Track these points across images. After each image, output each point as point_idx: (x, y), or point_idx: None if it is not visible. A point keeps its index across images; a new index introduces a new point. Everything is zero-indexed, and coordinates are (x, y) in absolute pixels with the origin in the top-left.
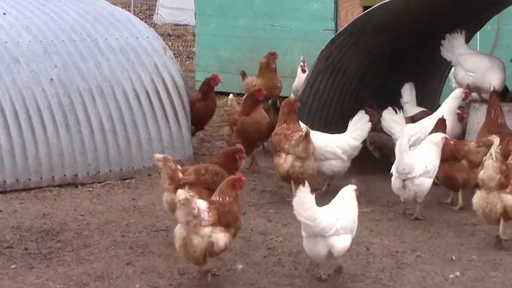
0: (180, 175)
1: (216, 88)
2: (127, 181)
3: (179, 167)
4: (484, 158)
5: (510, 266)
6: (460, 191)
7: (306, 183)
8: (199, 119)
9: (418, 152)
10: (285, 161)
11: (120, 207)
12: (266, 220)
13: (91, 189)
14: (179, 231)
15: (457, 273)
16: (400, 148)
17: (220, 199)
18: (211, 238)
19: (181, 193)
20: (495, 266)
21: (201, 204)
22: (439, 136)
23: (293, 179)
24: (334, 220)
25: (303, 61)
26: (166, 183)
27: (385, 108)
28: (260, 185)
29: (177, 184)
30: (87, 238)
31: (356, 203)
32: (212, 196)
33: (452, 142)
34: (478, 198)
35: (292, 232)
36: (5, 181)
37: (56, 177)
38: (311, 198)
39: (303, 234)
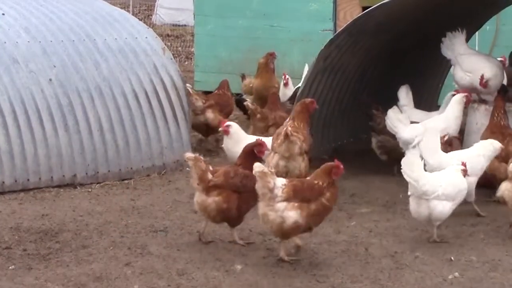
0: (210, 176)
1: (214, 88)
2: (126, 181)
3: (210, 167)
4: None
5: (509, 266)
6: None
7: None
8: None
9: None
10: (272, 160)
11: (118, 207)
12: None
13: (89, 190)
14: (260, 207)
15: (456, 274)
16: (427, 145)
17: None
18: (282, 214)
19: (258, 166)
20: (494, 267)
21: (279, 181)
22: (498, 146)
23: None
24: (438, 185)
25: (284, 75)
26: (195, 183)
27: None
28: None
29: (206, 185)
30: (86, 238)
31: (464, 180)
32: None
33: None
34: (508, 190)
35: None
36: (3, 182)
37: (55, 177)
38: (419, 161)
39: (409, 193)
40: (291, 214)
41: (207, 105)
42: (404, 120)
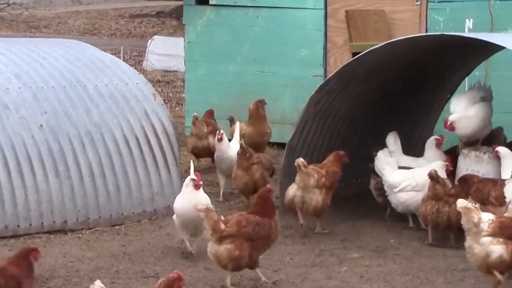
0: (222, 226)
1: None
2: (117, 227)
3: (222, 217)
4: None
5: None
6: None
7: None
8: None
9: None
10: (291, 189)
11: (109, 253)
12: None
13: (80, 236)
14: (467, 239)
15: None
16: None
17: None
18: (487, 248)
19: (461, 202)
20: None
21: (485, 216)
22: None
23: (297, 209)
24: None
25: (219, 132)
26: (208, 234)
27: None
28: None
29: (220, 236)
30: (77, 285)
31: None
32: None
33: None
34: None
35: (282, 278)
36: None
37: (45, 223)
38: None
39: None
40: (496, 248)
41: (209, 131)
42: (393, 164)
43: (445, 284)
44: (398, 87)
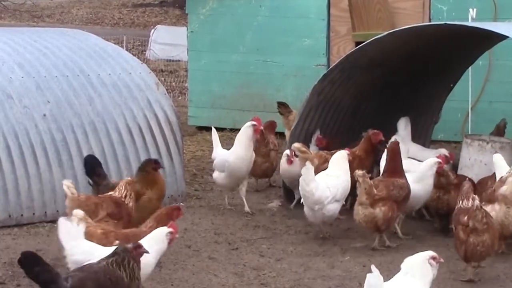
0: (375, 190)
1: (208, 123)
2: None
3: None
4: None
5: None
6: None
7: None
8: None
9: None
10: None
11: None
12: (259, 256)
13: None
14: None
15: None
16: None
17: None
18: None
19: None
20: None
21: None
22: None
23: None
24: None
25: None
26: (363, 197)
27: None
28: (253, 221)
29: (373, 199)
30: None
31: None
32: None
33: None
34: (496, 211)
35: (285, 267)
36: None
37: (48, 212)
38: None
39: None
40: None
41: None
42: None
43: (448, 274)
44: (401, 77)
